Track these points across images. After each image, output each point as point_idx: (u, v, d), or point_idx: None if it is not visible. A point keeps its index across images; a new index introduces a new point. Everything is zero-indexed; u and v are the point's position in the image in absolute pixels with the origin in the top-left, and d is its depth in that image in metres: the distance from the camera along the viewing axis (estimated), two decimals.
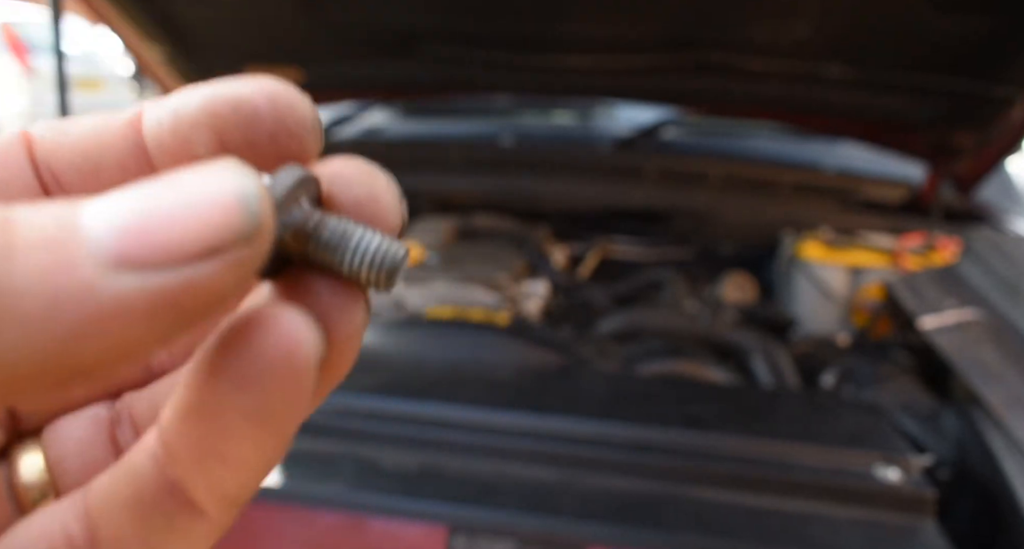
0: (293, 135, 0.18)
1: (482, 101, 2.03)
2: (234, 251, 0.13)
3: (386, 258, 0.17)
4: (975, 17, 1.21)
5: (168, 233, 0.12)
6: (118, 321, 0.12)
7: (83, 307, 0.12)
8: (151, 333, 0.12)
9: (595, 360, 1.16)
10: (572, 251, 1.69)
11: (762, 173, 1.69)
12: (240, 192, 0.13)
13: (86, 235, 0.12)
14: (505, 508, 0.76)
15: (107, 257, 0.12)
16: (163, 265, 0.12)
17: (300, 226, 0.17)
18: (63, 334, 0.12)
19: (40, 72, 5.94)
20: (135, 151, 0.18)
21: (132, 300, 0.12)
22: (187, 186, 0.13)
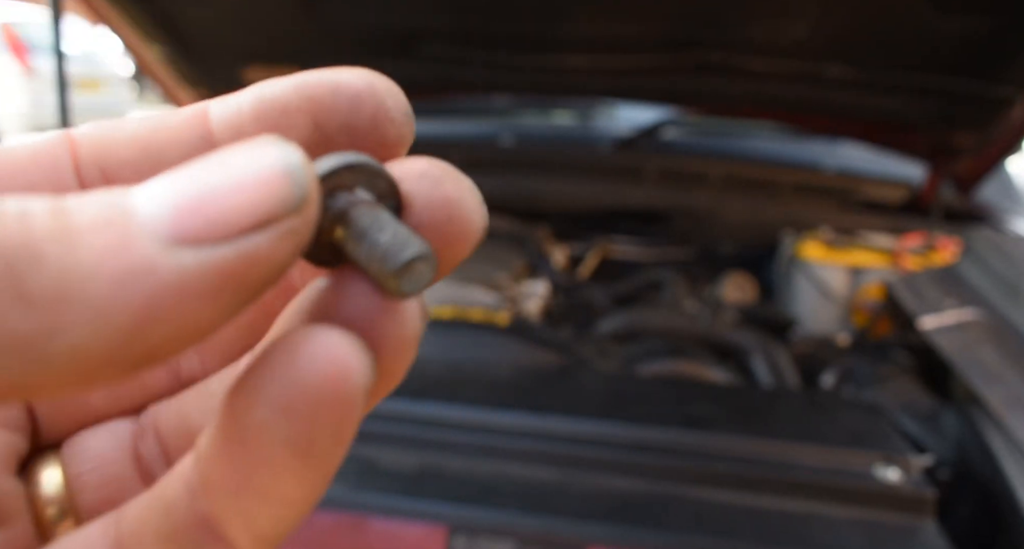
0: (393, 121, 0.18)
1: (482, 101, 2.03)
2: (286, 221, 0.13)
3: (393, 254, 0.15)
4: (975, 17, 1.21)
5: (221, 207, 0.12)
6: (182, 298, 0.12)
7: (148, 286, 0.12)
8: (214, 309, 0.12)
9: (595, 360, 1.16)
10: (572, 251, 1.69)
11: (762, 173, 1.69)
12: (286, 163, 0.13)
13: (141, 214, 0.12)
14: (505, 508, 0.76)
15: (164, 234, 0.12)
16: (219, 239, 0.12)
17: (341, 212, 0.16)
18: (132, 315, 0.12)
19: (40, 72, 5.94)
20: (202, 145, 0.18)
21: (194, 276, 0.12)
22: (234, 161, 0.13)
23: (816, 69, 1.39)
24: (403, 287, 0.15)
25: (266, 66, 1.59)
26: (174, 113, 0.18)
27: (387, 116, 0.17)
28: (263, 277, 0.13)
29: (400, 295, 0.15)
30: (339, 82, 0.17)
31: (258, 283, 0.13)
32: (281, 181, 0.13)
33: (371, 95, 0.17)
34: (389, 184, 0.17)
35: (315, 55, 1.58)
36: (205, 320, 0.12)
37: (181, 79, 1.58)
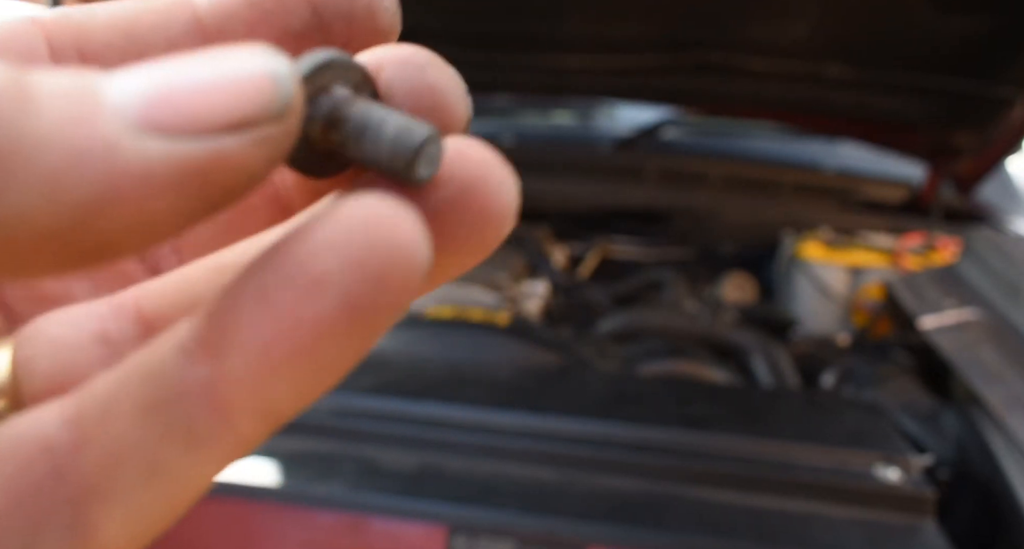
0: (387, 9, 0.17)
1: (482, 101, 2.03)
2: (263, 127, 0.12)
3: (402, 141, 0.14)
4: (975, 17, 1.21)
5: (196, 101, 0.12)
6: (142, 188, 0.11)
7: (107, 166, 0.11)
8: (176, 207, 0.12)
9: (595, 360, 1.16)
10: (572, 251, 1.69)
11: (762, 173, 1.69)
12: (272, 69, 0.12)
13: (109, 93, 0.12)
14: (505, 508, 0.76)
15: (132, 117, 0.11)
16: (190, 132, 0.12)
17: (331, 115, 0.15)
18: (87, 194, 0.11)
19: None
20: (188, 29, 0.16)
21: (157, 165, 0.11)
22: (217, 60, 0.12)
23: (816, 69, 1.39)
24: (421, 172, 0.15)
25: None
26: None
27: (381, 3, 0.17)
28: (232, 182, 0.12)
29: (420, 182, 0.15)
30: None
31: (226, 187, 0.12)
32: (262, 86, 0.12)
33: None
34: (365, 76, 0.16)
35: None
36: (166, 215, 0.12)
37: None
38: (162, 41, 0.16)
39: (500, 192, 0.16)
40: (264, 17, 0.16)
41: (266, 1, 0.16)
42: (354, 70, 0.16)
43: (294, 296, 0.13)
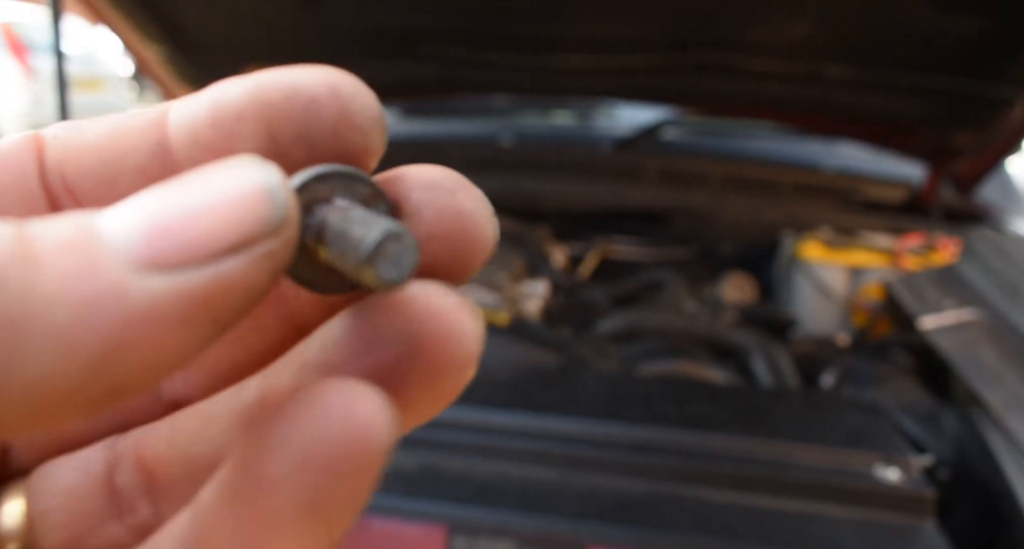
0: (356, 129, 0.16)
1: (482, 101, 2.03)
2: (262, 243, 0.12)
3: (361, 242, 0.14)
4: (975, 17, 1.21)
5: (194, 229, 0.12)
6: (153, 326, 0.11)
7: (116, 312, 0.11)
8: (187, 337, 0.12)
9: (595, 360, 1.16)
10: (572, 251, 1.69)
11: (762, 173, 1.69)
12: (264, 183, 0.12)
13: (109, 236, 0.12)
14: (505, 508, 0.76)
15: (134, 258, 0.11)
16: (192, 263, 0.12)
17: (319, 224, 0.15)
18: (99, 344, 0.11)
19: (40, 72, 5.94)
20: (157, 152, 0.17)
21: (165, 302, 0.11)
22: (208, 180, 0.12)
23: (816, 69, 1.39)
24: (380, 273, 0.14)
25: (266, 66, 1.59)
26: (137, 115, 0.17)
27: (350, 123, 0.16)
28: (239, 303, 0.12)
29: (384, 285, 0.14)
30: (296, 85, 0.15)
31: (234, 309, 0.12)
32: (258, 201, 0.12)
33: (332, 99, 0.15)
34: (372, 189, 0.16)
35: (315, 55, 1.58)
36: (177, 349, 0.12)
37: (181, 79, 1.58)
38: (132, 166, 0.16)
39: (460, 343, 0.15)
40: (225, 142, 0.16)
41: (226, 124, 0.16)
42: (360, 183, 0.15)
43: (256, 499, 0.13)
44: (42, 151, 0.17)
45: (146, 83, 1.74)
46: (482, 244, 0.16)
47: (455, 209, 0.16)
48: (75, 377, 0.11)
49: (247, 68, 1.58)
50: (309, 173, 0.15)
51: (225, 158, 0.15)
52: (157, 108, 0.17)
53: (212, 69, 1.58)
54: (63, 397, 0.11)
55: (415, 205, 0.16)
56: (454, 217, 0.16)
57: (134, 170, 0.16)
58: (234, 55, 1.57)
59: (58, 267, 0.11)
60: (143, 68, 1.55)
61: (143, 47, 1.46)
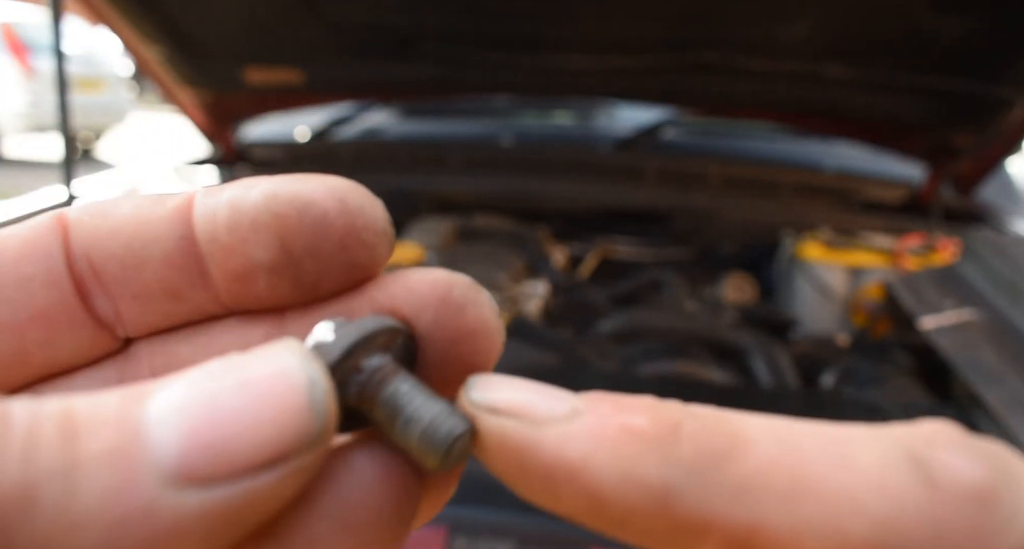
0: (364, 244, 0.16)
1: (482, 101, 2.03)
2: (298, 458, 0.12)
3: (435, 437, 0.15)
4: (975, 17, 1.21)
5: (232, 444, 0.11)
6: (177, 542, 0.11)
7: (144, 531, 0.11)
8: (206, 547, 0.12)
9: (595, 360, 1.16)
10: (572, 251, 1.69)
11: (762, 173, 1.69)
12: (308, 391, 0.12)
13: (150, 445, 0.11)
14: (505, 508, 0.76)
15: (171, 473, 0.11)
16: (225, 480, 0.11)
17: (361, 389, 0.15)
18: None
19: (40, 72, 5.95)
20: (183, 245, 0.17)
21: (192, 518, 0.11)
22: (253, 380, 0.12)
23: (816, 69, 1.39)
24: (445, 465, 0.15)
25: (266, 66, 1.59)
26: (162, 202, 0.17)
27: (358, 239, 0.16)
28: (263, 516, 0.12)
29: (439, 470, 0.15)
30: (308, 200, 0.16)
31: (256, 520, 0.12)
32: (299, 413, 0.12)
33: (341, 215, 0.16)
34: (405, 336, 0.16)
35: (315, 55, 1.58)
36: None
37: (181, 79, 1.58)
38: (158, 255, 0.17)
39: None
40: (240, 246, 0.16)
41: (241, 230, 0.16)
42: (388, 333, 0.16)
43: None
44: (67, 234, 0.17)
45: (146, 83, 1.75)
46: (492, 356, 0.17)
47: (467, 330, 0.16)
48: None
49: (247, 68, 1.59)
50: (348, 339, 0.15)
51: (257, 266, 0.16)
52: (180, 198, 0.17)
53: (212, 69, 1.58)
54: None
55: (426, 327, 0.16)
56: (466, 337, 0.16)
57: (160, 259, 0.17)
58: (234, 55, 1.57)
59: (98, 484, 0.11)
60: (143, 68, 1.55)
61: (143, 47, 1.46)
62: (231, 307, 0.17)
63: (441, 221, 1.62)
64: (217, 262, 0.17)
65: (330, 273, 0.16)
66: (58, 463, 0.11)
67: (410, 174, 1.70)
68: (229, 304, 0.17)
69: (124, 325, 0.17)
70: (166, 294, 0.17)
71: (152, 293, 0.17)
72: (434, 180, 1.70)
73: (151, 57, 1.49)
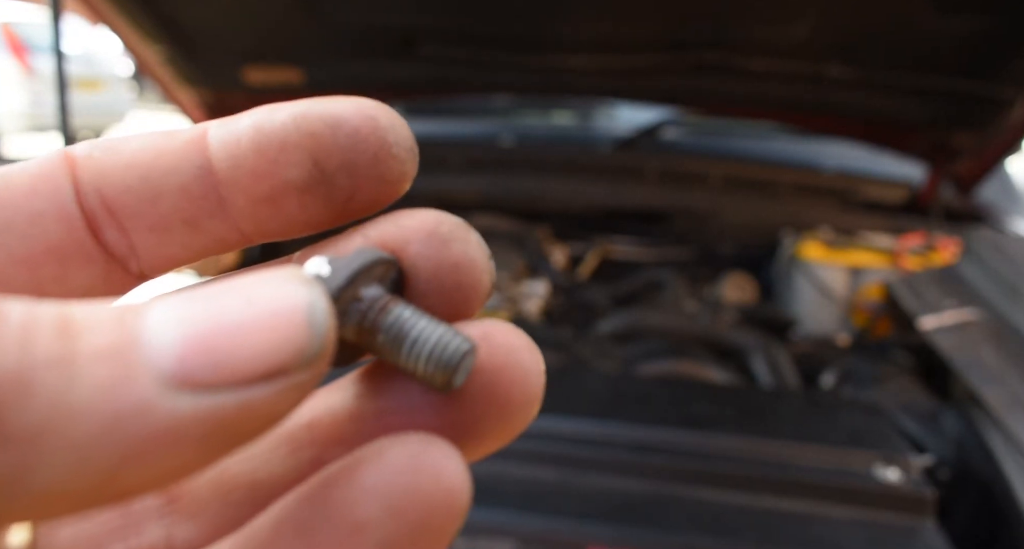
0: (395, 158, 0.17)
1: (482, 101, 2.03)
2: (295, 374, 0.12)
3: (443, 356, 0.15)
4: (975, 17, 1.21)
5: (231, 354, 0.12)
6: (170, 445, 0.11)
7: (138, 430, 0.11)
8: (199, 456, 0.12)
9: (595, 360, 1.16)
10: (572, 251, 1.69)
11: (762, 173, 1.69)
12: (308, 310, 0.12)
13: (148, 346, 0.11)
14: (505, 508, 0.76)
15: (167, 374, 0.11)
16: (221, 387, 0.12)
17: (362, 318, 0.16)
18: (116, 459, 0.11)
19: (40, 72, 5.95)
20: (200, 174, 0.17)
21: (186, 422, 0.11)
22: (254, 299, 0.12)
23: (816, 69, 1.39)
24: (455, 383, 0.15)
25: (266, 66, 1.59)
26: (174, 136, 0.17)
27: (389, 153, 0.17)
28: (256, 429, 0.12)
29: (450, 389, 0.16)
30: (339, 118, 0.16)
31: (249, 434, 0.12)
32: (299, 331, 0.12)
33: (373, 131, 0.17)
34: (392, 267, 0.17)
35: (315, 55, 1.58)
36: (187, 465, 0.12)
37: (181, 79, 1.58)
38: (175, 186, 0.17)
39: (526, 381, 0.16)
40: (269, 168, 0.17)
41: (271, 151, 0.16)
42: (383, 265, 0.16)
43: (335, 538, 0.14)
44: (75, 170, 0.17)
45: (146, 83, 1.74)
46: (478, 294, 0.17)
47: (451, 261, 0.17)
48: (85, 486, 0.11)
49: (247, 68, 1.58)
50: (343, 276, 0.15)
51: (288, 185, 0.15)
52: (193, 129, 0.17)
53: (212, 69, 1.58)
54: (69, 500, 0.11)
55: (412, 258, 0.17)
56: (450, 269, 0.17)
57: (177, 190, 0.17)
58: (234, 55, 1.57)
59: (95, 377, 0.11)
60: (143, 68, 1.55)
61: (143, 47, 1.46)
62: (251, 235, 0.18)
63: None
64: (243, 187, 0.17)
65: (363, 188, 0.17)
66: (55, 354, 0.11)
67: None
68: (250, 232, 0.18)
69: (139, 259, 0.17)
70: (184, 225, 0.17)
71: (169, 224, 0.17)
72: (434, 180, 1.70)
73: (151, 57, 1.49)
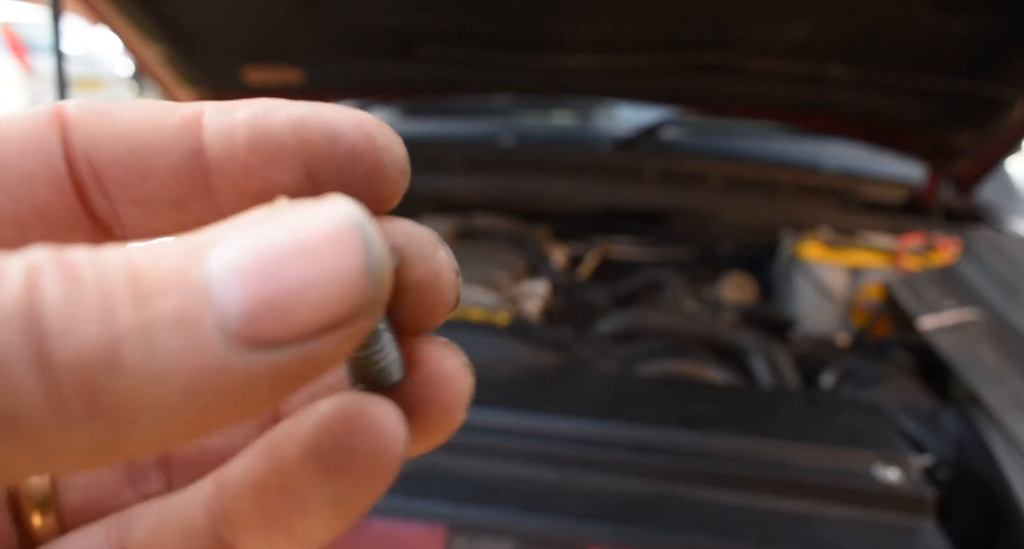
0: (387, 179, 0.17)
1: (482, 101, 2.03)
2: (355, 323, 0.12)
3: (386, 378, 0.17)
4: (975, 17, 1.21)
5: (294, 309, 0.12)
6: (244, 397, 0.12)
7: (215, 388, 0.12)
8: (266, 400, 0.12)
9: (595, 360, 1.16)
10: (572, 251, 1.68)
11: (762, 173, 1.69)
12: (368, 256, 0.12)
13: (216, 309, 0.12)
14: (505, 508, 0.76)
15: (237, 335, 0.12)
16: (290, 342, 0.12)
17: None
18: (195, 415, 0.12)
19: (40, 72, 5.94)
20: (191, 157, 0.17)
21: (258, 377, 0.12)
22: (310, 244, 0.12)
23: (816, 69, 1.39)
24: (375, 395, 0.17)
25: (266, 66, 1.59)
26: (171, 112, 0.17)
27: (383, 173, 0.17)
28: (320, 372, 0.13)
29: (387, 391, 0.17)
30: (338, 131, 0.16)
31: (313, 377, 0.13)
32: (362, 280, 0.12)
33: (370, 150, 0.17)
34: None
35: (315, 55, 1.58)
36: (258, 410, 0.12)
37: (181, 79, 1.58)
38: (165, 166, 0.17)
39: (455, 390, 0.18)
40: (262, 167, 0.16)
41: (265, 152, 0.16)
42: None
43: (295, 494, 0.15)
44: (66, 131, 0.17)
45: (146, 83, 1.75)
46: (443, 309, 0.18)
47: (436, 267, 0.18)
48: (168, 437, 0.12)
49: (247, 68, 1.58)
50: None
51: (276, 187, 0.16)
52: (188, 108, 0.17)
53: (212, 69, 1.58)
54: (153, 448, 0.12)
55: (410, 256, 0.17)
56: (434, 272, 0.18)
57: (166, 169, 0.17)
58: (234, 55, 1.57)
59: (173, 345, 0.11)
60: (143, 68, 1.55)
61: (143, 47, 1.46)
62: None
63: (441, 221, 1.62)
64: (233, 180, 0.17)
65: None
66: (135, 323, 0.11)
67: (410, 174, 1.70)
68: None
69: (123, 228, 0.17)
70: (170, 204, 0.17)
71: (155, 201, 0.17)
72: (434, 180, 1.70)
73: (151, 57, 1.49)
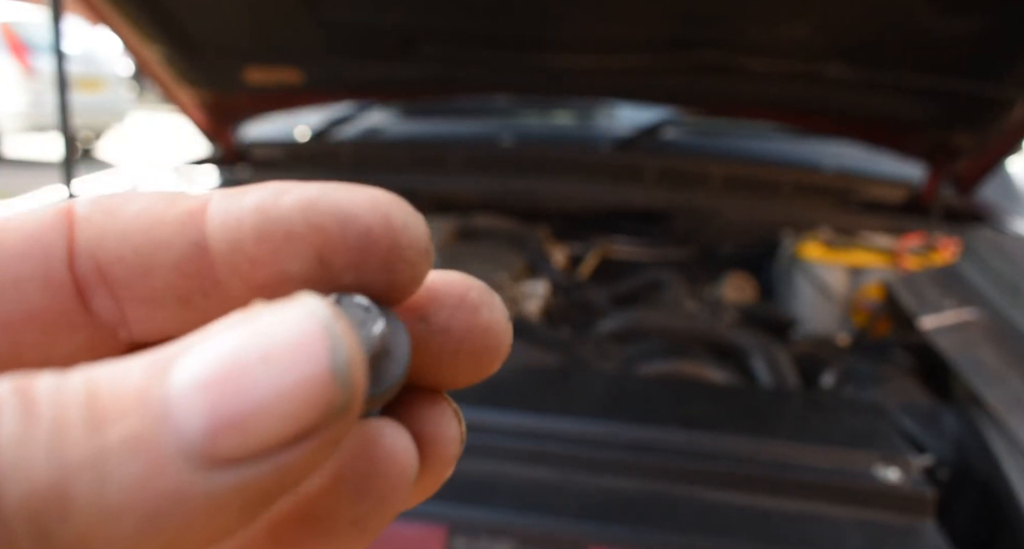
0: (407, 262, 0.15)
1: (482, 101, 2.03)
2: (328, 429, 0.12)
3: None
4: (976, 17, 1.21)
5: (260, 422, 0.11)
6: (210, 517, 0.11)
7: (178, 514, 0.11)
8: (240, 521, 0.12)
9: (595, 360, 1.16)
10: (572, 251, 1.69)
11: (762, 173, 1.69)
12: (333, 358, 0.12)
13: (176, 431, 0.11)
14: (505, 508, 0.76)
15: (198, 455, 0.11)
16: (255, 458, 0.11)
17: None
18: (160, 541, 0.11)
19: (40, 72, 5.95)
20: (195, 251, 0.16)
21: (223, 498, 0.11)
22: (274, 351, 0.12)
23: (816, 69, 1.39)
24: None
25: (266, 66, 1.59)
26: (175, 203, 0.16)
27: (401, 256, 0.15)
28: (294, 484, 0.12)
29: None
30: (351, 213, 0.15)
31: (288, 489, 0.12)
32: (327, 386, 0.11)
33: (385, 232, 0.15)
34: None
35: (315, 55, 1.58)
36: (229, 530, 0.12)
37: (181, 79, 1.58)
38: (167, 261, 0.16)
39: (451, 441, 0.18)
40: (270, 257, 0.15)
41: (274, 240, 0.15)
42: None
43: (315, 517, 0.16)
44: (73, 232, 0.16)
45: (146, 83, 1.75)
46: (500, 355, 0.18)
47: (481, 327, 0.17)
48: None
49: (247, 68, 1.59)
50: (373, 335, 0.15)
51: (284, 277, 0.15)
52: (193, 199, 0.16)
53: (212, 69, 1.58)
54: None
55: (444, 323, 0.17)
56: (480, 334, 0.17)
57: (170, 265, 0.16)
58: (234, 55, 1.57)
59: (128, 473, 0.11)
60: (143, 68, 1.55)
61: (143, 47, 1.46)
62: None
63: (441, 221, 1.62)
64: (241, 272, 0.16)
65: (370, 289, 0.16)
66: (87, 454, 0.11)
67: (410, 174, 1.70)
68: None
69: (129, 328, 0.17)
70: (176, 301, 0.16)
71: (161, 299, 0.16)
72: (434, 180, 1.70)
73: (151, 57, 1.49)
